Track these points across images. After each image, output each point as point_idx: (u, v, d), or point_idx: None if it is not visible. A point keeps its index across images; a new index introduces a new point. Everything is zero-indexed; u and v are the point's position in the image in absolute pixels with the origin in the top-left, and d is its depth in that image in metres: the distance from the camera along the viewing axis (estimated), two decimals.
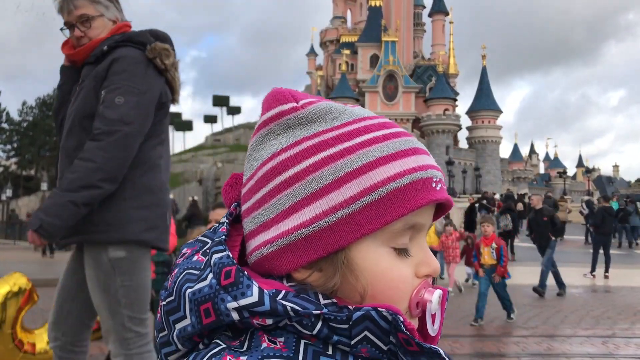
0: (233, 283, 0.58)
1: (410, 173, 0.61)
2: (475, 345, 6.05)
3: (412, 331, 0.58)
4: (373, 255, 0.61)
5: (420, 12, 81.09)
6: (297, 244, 0.61)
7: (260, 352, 0.57)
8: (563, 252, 18.57)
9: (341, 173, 0.60)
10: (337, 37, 77.95)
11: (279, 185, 0.62)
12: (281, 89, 0.67)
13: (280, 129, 0.64)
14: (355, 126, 0.63)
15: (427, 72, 71.69)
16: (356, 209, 0.59)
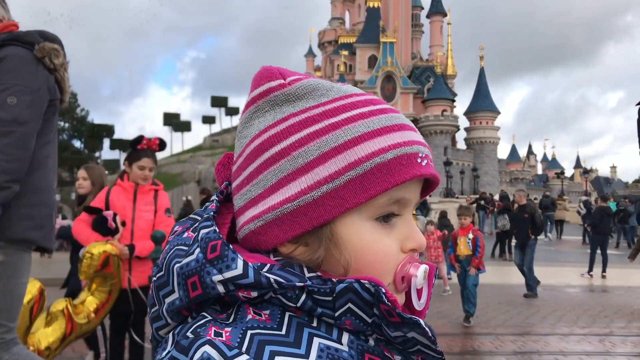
0: (218, 256, 0.59)
1: (395, 148, 0.61)
2: (471, 343, 6.07)
3: (393, 302, 0.58)
4: (357, 229, 0.62)
5: (419, 13, 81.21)
6: (283, 219, 0.61)
7: (245, 324, 0.58)
8: (561, 252, 18.64)
9: (326, 148, 0.60)
10: (336, 38, 78.05)
11: (266, 162, 0.63)
12: (270, 67, 0.67)
13: (268, 106, 0.65)
14: (342, 102, 0.64)
15: (425, 73, 71.81)
16: (341, 184, 0.60)
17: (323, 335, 0.60)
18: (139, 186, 3.94)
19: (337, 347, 0.59)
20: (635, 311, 8.25)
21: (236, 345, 0.55)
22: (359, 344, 0.61)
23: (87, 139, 79.71)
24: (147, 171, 3.88)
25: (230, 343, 0.55)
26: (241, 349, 0.55)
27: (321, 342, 0.59)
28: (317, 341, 0.59)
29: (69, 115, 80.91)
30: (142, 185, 3.95)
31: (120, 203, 3.88)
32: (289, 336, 0.58)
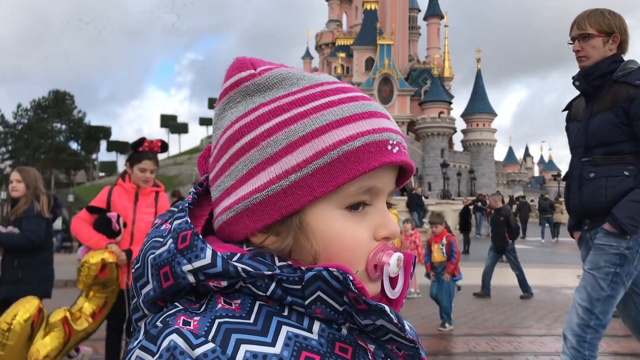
0: (188, 246, 0.59)
1: (363, 136, 0.60)
2: (469, 344, 6.09)
3: (360, 289, 0.58)
4: (327, 218, 0.62)
5: (416, 16, 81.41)
6: (253, 209, 0.62)
7: (214, 313, 0.58)
8: (557, 254, 18.68)
9: (294, 137, 0.60)
10: (333, 40, 78.19)
11: (237, 152, 0.63)
12: (243, 58, 0.67)
13: (240, 97, 0.65)
14: (311, 91, 0.63)
15: (422, 75, 71.99)
16: (308, 172, 0.60)
17: (292, 324, 0.60)
18: (141, 188, 3.93)
19: (306, 336, 0.59)
20: None
21: (203, 334, 0.55)
22: (330, 333, 0.61)
23: (83, 141, 79.66)
24: (148, 173, 3.88)
25: (197, 331, 0.56)
26: (207, 337, 0.55)
27: (289, 330, 0.59)
28: (285, 329, 0.59)
29: (66, 117, 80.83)
30: (144, 187, 3.94)
31: (121, 204, 3.87)
32: (256, 324, 0.58)
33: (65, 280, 11.51)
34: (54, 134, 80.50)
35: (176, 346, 0.54)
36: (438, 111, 67.26)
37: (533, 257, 16.86)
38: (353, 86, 0.68)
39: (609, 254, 2.78)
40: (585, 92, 3.01)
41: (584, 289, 2.86)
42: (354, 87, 0.67)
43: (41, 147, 76.21)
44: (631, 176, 2.78)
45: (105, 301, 3.72)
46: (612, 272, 2.76)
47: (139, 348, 0.57)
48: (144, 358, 0.56)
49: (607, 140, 2.81)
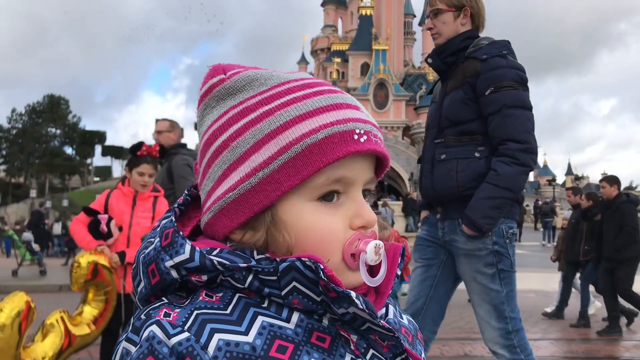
0: (170, 243, 0.62)
1: (326, 127, 0.62)
2: (464, 348, 6.08)
3: (330, 277, 0.59)
4: (298, 211, 0.63)
5: (411, 21, 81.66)
6: (228, 208, 0.64)
7: (194, 305, 0.61)
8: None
9: (261, 135, 0.62)
10: (328, 45, 78.28)
11: (212, 155, 0.66)
12: (217, 65, 0.69)
13: (214, 102, 0.67)
14: (277, 89, 0.65)
15: (417, 81, 72.11)
16: (275, 168, 0.61)
17: (269, 314, 0.61)
18: (139, 192, 3.93)
19: (281, 325, 0.61)
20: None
21: (180, 324, 0.58)
22: (309, 323, 0.62)
23: (78, 146, 79.43)
24: (147, 177, 3.87)
25: (176, 322, 0.58)
26: (184, 327, 0.58)
27: (265, 320, 0.60)
28: (261, 319, 0.60)
29: (61, 122, 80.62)
30: (142, 192, 3.93)
31: (118, 207, 3.87)
32: (232, 315, 0.60)
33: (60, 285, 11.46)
34: (48, 139, 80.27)
35: (154, 336, 0.57)
36: None
37: (529, 262, 16.86)
38: (324, 81, 0.69)
39: (482, 256, 2.61)
40: (439, 71, 2.87)
41: (482, 302, 2.67)
42: (324, 82, 0.68)
43: (36, 151, 75.94)
44: (482, 157, 2.60)
45: (105, 304, 3.69)
46: (495, 271, 2.61)
47: (124, 340, 0.60)
48: (129, 349, 0.59)
49: (458, 120, 2.65)
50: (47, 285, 11.72)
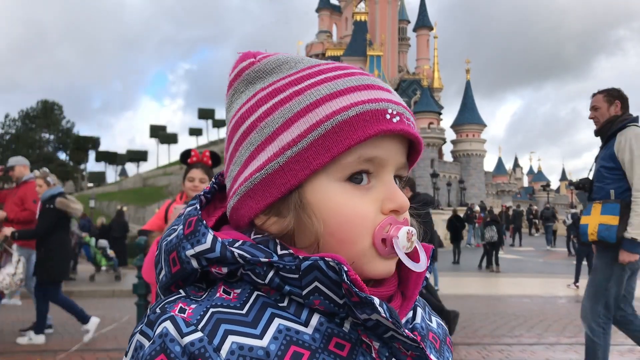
0: (192, 232, 0.60)
1: (358, 105, 0.59)
2: (459, 353, 6.05)
3: (354, 281, 0.56)
4: (326, 191, 0.61)
5: (405, 27, 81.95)
6: (255, 189, 0.61)
7: (210, 301, 0.59)
8: (548, 264, 18.72)
9: (290, 114, 0.60)
10: (323, 51, 78.41)
11: (240, 138, 0.64)
12: (247, 51, 0.68)
13: (243, 86, 0.66)
14: (308, 71, 0.63)
15: (411, 86, 72.35)
16: (304, 146, 0.59)
17: (287, 316, 0.59)
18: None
19: (298, 329, 0.58)
20: None
21: (194, 322, 0.56)
22: (328, 327, 0.59)
23: (72, 151, 79.14)
24: (197, 182, 3.81)
25: (190, 320, 0.56)
26: (198, 326, 0.56)
27: (281, 323, 0.58)
28: (277, 322, 0.58)
29: (54, 127, 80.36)
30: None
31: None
32: (248, 316, 0.58)
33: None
34: (42, 144, 79.95)
35: (167, 333, 0.56)
36: (428, 122, 67.60)
37: (524, 267, 16.90)
38: (354, 66, 0.67)
39: None
40: None
41: None
42: (355, 66, 0.66)
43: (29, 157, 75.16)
44: None
45: None
46: None
47: (139, 333, 0.59)
48: (142, 342, 0.58)
49: None
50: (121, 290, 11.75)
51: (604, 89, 4.10)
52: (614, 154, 3.86)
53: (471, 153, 70.03)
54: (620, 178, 3.85)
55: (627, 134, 3.83)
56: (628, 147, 3.78)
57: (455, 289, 12.41)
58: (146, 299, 4.12)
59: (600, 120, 4.04)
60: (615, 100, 4.01)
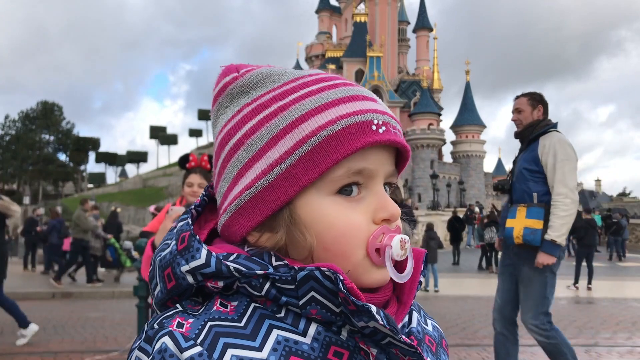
0: (186, 247, 0.60)
1: (343, 118, 0.59)
2: (459, 354, 6.05)
3: (350, 289, 0.57)
4: (317, 205, 0.61)
5: (405, 28, 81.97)
6: (245, 207, 0.62)
7: (207, 315, 0.59)
8: None
9: (276, 131, 0.60)
10: (323, 52, 78.46)
11: (227, 155, 0.64)
12: (229, 65, 0.68)
13: (227, 101, 0.66)
14: (292, 85, 0.63)
15: (411, 87, 72.39)
16: (292, 163, 0.59)
17: (285, 327, 0.59)
18: None
19: (297, 340, 0.58)
20: (620, 322, 8.29)
21: (193, 337, 0.56)
22: (326, 336, 0.60)
23: (72, 152, 79.14)
24: (196, 187, 3.77)
25: (188, 334, 0.56)
26: (197, 340, 0.56)
27: (280, 334, 0.58)
28: (276, 333, 0.58)
29: (54, 129, 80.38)
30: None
31: None
32: (246, 328, 0.58)
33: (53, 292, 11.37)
34: (42, 145, 80.00)
35: (166, 348, 0.56)
36: (427, 123, 67.60)
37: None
38: (337, 75, 0.67)
39: None
40: None
41: None
42: (338, 76, 0.66)
43: (29, 158, 75.58)
44: None
45: None
46: None
47: (137, 349, 0.59)
48: (141, 358, 0.58)
49: None
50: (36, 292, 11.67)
51: (528, 93, 4.17)
52: (537, 157, 3.91)
53: (471, 154, 70.05)
54: (541, 181, 3.90)
55: (552, 139, 3.90)
56: (552, 152, 3.84)
57: (455, 290, 12.42)
58: (147, 301, 4.12)
59: (523, 122, 4.09)
60: (538, 105, 4.09)
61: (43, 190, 73.91)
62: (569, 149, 3.89)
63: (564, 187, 3.77)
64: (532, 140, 4.01)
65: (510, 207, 4.04)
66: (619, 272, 17.44)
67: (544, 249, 3.76)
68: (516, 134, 4.19)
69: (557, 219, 3.75)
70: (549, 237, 3.73)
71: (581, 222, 13.67)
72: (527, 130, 4.07)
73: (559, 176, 3.79)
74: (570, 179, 3.79)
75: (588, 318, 8.64)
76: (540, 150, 3.92)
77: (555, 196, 3.79)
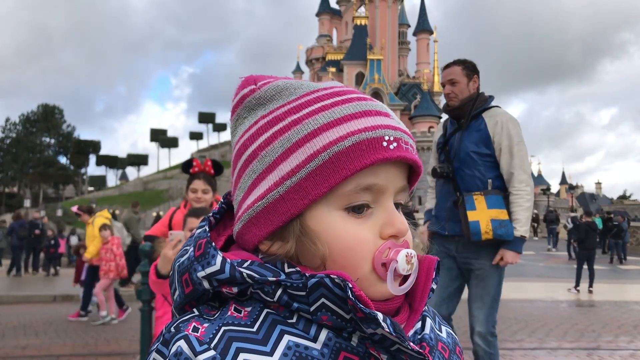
0: (202, 254, 0.63)
1: (354, 135, 0.60)
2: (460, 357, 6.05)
3: (358, 297, 0.58)
4: (327, 220, 0.62)
5: (405, 31, 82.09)
6: (258, 217, 0.63)
7: (222, 320, 0.61)
8: (549, 268, 18.70)
9: (289, 144, 0.62)
10: (323, 55, 78.55)
11: (243, 165, 0.66)
12: (250, 76, 0.70)
13: (245, 112, 0.68)
14: (306, 98, 0.65)
15: (412, 90, 72.43)
16: (302, 176, 0.61)
17: (296, 333, 0.60)
18: None
19: (308, 345, 0.60)
20: (622, 325, 8.28)
21: (207, 341, 0.58)
22: (337, 342, 0.61)
23: (72, 155, 79.09)
24: (200, 193, 3.73)
25: (203, 338, 0.58)
26: (211, 344, 0.58)
27: (291, 339, 0.60)
28: (287, 339, 0.59)
29: (55, 132, 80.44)
30: None
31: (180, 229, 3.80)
32: (258, 333, 0.59)
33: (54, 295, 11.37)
34: (42, 148, 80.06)
35: (182, 352, 0.57)
36: (428, 125, 67.60)
37: (525, 271, 16.88)
38: (354, 89, 0.68)
39: None
40: None
41: None
42: (353, 89, 0.67)
43: (29, 161, 75.61)
44: None
45: None
46: None
47: (155, 351, 0.61)
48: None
49: None
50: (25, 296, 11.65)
51: (460, 60, 3.55)
52: (487, 138, 3.39)
53: None
54: (493, 165, 3.41)
55: (501, 117, 3.39)
56: (506, 133, 3.34)
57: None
58: (149, 305, 4.12)
59: (459, 96, 3.49)
60: (474, 75, 3.51)
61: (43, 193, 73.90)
62: (519, 129, 3.41)
63: (524, 174, 3.32)
64: (473, 117, 3.47)
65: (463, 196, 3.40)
66: (620, 275, 17.42)
67: (513, 247, 3.30)
68: (451, 110, 3.58)
69: (523, 211, 3.29)
70: (518, 233, 3.27)
71: (581, 225, 13.68)
72: (466, 106, 3.48)
73: (517, 161, 3.32)
74: (528, 164, 3.37)
75: (590, 321, 8.63)
76: (491, 129, 3.40)
77: (517, 184, 3.32)
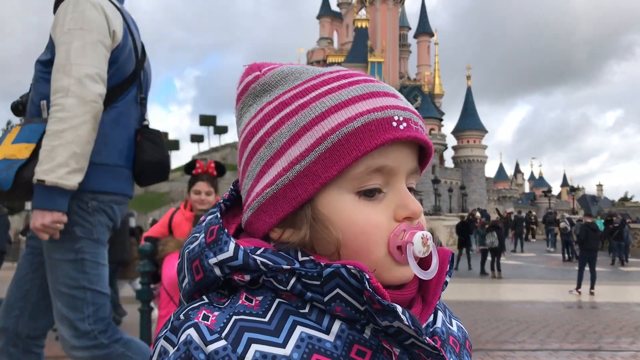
0: (214, 240, 0.61)
1: (362, 115, 0.59)
2: None
3: (376, 289, 0.57)
4: (338, 204, 0.61)
5: (406, 34, 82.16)
6: (267, 204, 0.62)
7: (233, 309, 0.59)
8: (550, 269, 18.68)
9: (296, 128, 0.60)
10: (324, 58, 78.57)
11: (250, 153, 0.64)
12: (253, 63, 0.69)
13: (251, 100, 0.67)
14: (312, 82, 0.63)
15: (412, 92, 72.43)
16: (312, 160, 0.59)
17: (309, 324, 0.59)
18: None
19: (320, 337, 0.58)
20: (624, 327, 8.27)
21: (218, 330, 0.57)
22: (349, 334, 0.59)
23: None
24: (203, 195, 3.70)
25: (213, 327, 0.57)
26: (221, 334, 0.56)
27: (304, 330, 0.58)
28: (300, 330, 0.58)
29: None
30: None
31: (181, 231, 3.79)
32: (270, 324, 0.58)
33: None
34: None
35: (192, 340, 0.56)
36: (429, 128, 67.66)
37: (526, 273, 16.87)
38: (359, 72, 0.67)
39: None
40: None
41: None
42: (359, 72, 0.66)
43: None
44: None
45: None
46: None
47: (163, 338, 0.59)
48: (167, 348, 0.58)
49: None
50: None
51: None
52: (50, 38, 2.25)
53: (472, 159, 70.08)
54: None
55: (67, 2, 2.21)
56: (59, 23, 2.19)
57: (457, 295, 12.39)
58: (149, 305, 4.11)
59: None
60: None
61: None
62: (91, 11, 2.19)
63: (67, 78, 2.09)
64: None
65: None
66: (622, 277, 17.39)
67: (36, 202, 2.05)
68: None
69: (49, 140, 2.05)
70: (37, 177, 2.02)
71: (582, 226, 13.66)
72: None
73: (61, 60, 2.12)
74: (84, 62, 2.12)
75: (591, 323, 8.62)
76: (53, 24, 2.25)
77: (54, 98, 2.10)
